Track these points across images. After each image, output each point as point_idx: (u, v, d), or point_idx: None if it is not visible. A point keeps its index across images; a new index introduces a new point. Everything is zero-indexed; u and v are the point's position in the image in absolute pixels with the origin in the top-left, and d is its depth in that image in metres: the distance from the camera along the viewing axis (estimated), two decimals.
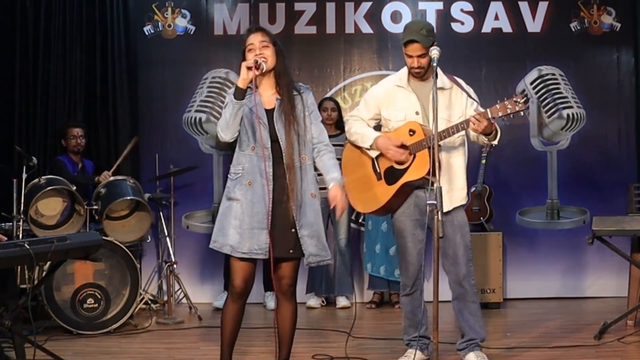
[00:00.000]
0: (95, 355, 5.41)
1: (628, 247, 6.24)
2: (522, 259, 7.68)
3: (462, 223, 4.83)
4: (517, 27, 7.78)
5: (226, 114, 4.23)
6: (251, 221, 4.23)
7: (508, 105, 4.44)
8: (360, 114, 4.96)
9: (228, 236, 4.26)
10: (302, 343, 5.37)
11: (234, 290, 4.34)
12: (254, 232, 4.23)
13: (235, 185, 4.28)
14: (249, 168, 4.27)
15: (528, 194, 7.73)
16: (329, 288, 7.39)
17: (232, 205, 4.28)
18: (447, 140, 4.72)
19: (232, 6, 7.82)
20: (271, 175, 4.25)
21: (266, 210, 4.22)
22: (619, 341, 5.50)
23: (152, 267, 7.51)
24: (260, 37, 4.34)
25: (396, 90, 4.85)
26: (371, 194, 4.88)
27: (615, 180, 7.58)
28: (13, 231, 6.10)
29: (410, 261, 4.86)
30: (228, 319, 4.39)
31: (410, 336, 4.93)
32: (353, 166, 4.98)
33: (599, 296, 7.58)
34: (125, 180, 6.65)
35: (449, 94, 4.78)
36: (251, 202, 4.24)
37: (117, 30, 7.64)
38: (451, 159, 4.81)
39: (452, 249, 4.79)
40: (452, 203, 4.77)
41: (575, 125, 7.72)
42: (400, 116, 4.81)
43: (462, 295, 4.82)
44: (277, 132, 4.30)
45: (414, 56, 4.73)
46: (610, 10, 7.78)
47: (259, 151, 4.27)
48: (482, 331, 4.88)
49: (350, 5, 7.82)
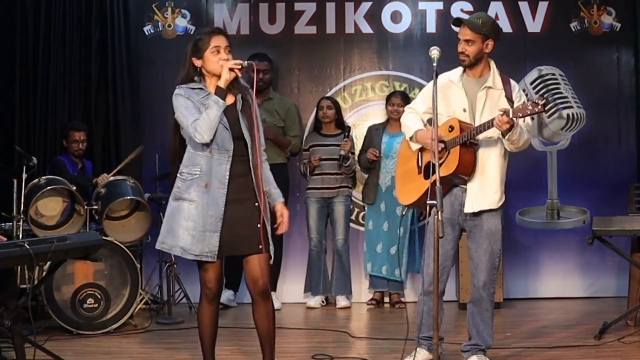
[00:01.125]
0: (95, 355, 5.41)
1: (628, 247, 6.24)
2: (522, 259, 7.69)
3: (492, 230, 4.76)
4: (517, 27, 7.78)
5: (210, 115, 4.17)
6: (204, 223, 4.22)
7: (528, 106, 4.39)
8: (416, 106, 4.97)
9: (178, 237, 4.25)
10: (302, 343, 5.39)
11: (209, 292, 4.36)
12: (206, 234, 4.23)
13: (190, 185, 4.25)
14: (206, 170, 4.25)
15: (528, 194, 7.73)
16: (326, 288, 7.39)
17: (182, 205, 4.26)
18: (484, 140, 4.68)
19: (232, 6, 7.82)
20: (227, 179, 4.25)
21: (220, 214, 4.23)
22: (619, 341, 5.51)
23: (152, 267, 7.50)
24: (225, 42, 4.35)
25: (449, 86, 4.79)
26: (411, 187, 4.91)
27: (615, 180, 7.58)
28: (13, 231, 6.10)
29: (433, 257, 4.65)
30: (207, 322, 4.41)
31: (422, 334, 4.88)
32: (404, 158, 5.04)
33: (599, 296, 7.59)
34: (125, 180, 6.64)
35: (498, 95, 4.72)
36: (206, 205, 4.23)
37: (117, 30, 7.63)
38: (486, 160, 4.72)
39: (478, 253, 4.76)
40: (480, 205, 4.70)
41: (575, 125, 7.72)
42: (449, 112, 4.76)
43: (478, 301, 4.80)
44: (242, 130, 4.30)
45: (461, 40, 4.70)
46: (610, 10, 7.78)
47: (217, 154, 4.25)
48: (490, 339, 4.85)
49: (350, 5, 7.82)
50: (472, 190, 4.70)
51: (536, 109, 4.37)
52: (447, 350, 5.07)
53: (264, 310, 4.39)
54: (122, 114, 7.63)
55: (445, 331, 5.56)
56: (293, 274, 7.59)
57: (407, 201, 5.02)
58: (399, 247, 7.18)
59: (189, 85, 4.34)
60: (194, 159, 4.27)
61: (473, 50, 4.69)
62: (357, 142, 7.48)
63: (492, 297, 4.83)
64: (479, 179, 4.69)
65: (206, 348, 4.45)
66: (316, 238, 7.35)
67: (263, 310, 4.39)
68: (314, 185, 7.33)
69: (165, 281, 7.09)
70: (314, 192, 7.34)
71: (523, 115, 4.42)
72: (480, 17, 4.78)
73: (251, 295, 4.42)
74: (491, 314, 4.84)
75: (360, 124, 7.73)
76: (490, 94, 4.71)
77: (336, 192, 7.28)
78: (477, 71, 4.78)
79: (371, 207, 7.37)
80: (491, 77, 4.71)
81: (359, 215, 7.64)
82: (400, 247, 7.18)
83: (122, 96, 7.64)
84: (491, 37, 4.70)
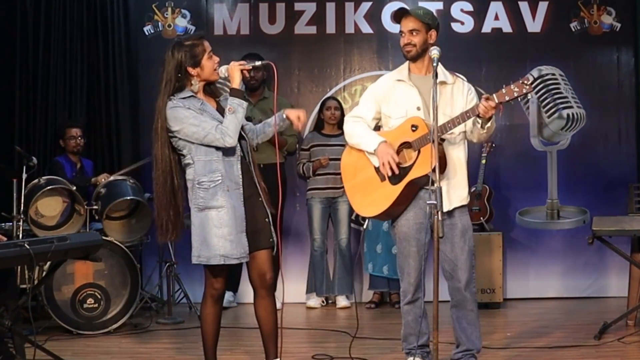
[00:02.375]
0: (95, 355, 5.41)
1: (628, 247, 6.24)
2: (522, 259, 7.69)
3: (465, 226, 4.60)
4: (517, 27, 7.78)
5: (238, 118, 4.23)
6: (236, 225, 4.25)
7: (515, 89, 4.24)
8: (360, 113, 4.72)
9: (214, 246, 4.23)
10: (302, 343, 5.39)
11: (215, 292, 4.37)
12: (240, 235, 4.26)
13: (215, 192, 4.23)
14: (225, 174, 4.26)
15: (528, 194, 7.73)
16: (329, 288, 7.39)
17: (210, 214, 4.24)
18: (448, 137, 4.51)
19: (232, 6, 7.82)
20: (241, 179, 4.30)
21: (242, 214, 4.27)
22: (619, 341, 5.50)
23: (152, 267, 7.51)
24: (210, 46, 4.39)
25: (396, 86, 4.63)
26: (375, 197, 4.61)
27: (615, 180, 7.58)
28: (13, 231, 6.10)
29: (413, 266, 4.60)
30: (211, 321, 4.41)
31: (411, 345, 4.70)
32: (354, 170, 4.76)
33: (599, 296, 7.59)
34: (125, 180, 6.65)
35: (450, 89, 4.58)
36: (233, 207, 4.25)
37: (118, 30, 7.64)
38: (452, 157, 4.57)
39: (454, 253, 4.57)
40: (452, 203, 4.54)
41: (575, 125, 7.72)
42: (401, 112, 4.58)
43: (462, 302, 4.61)
44: (242, 131, 4.34)
45: (405, 32, 4.56)
46: (610, 10, 7.78)
47: (227, 157, 4.28)
48: (479, 342, 4.69)
49: (350, 5, 7.82)
50: (443, 189, 4.36)
51: (524, 90, 4.23)
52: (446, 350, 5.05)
53: (268, 305, 4.40)
54: (122, 114, 7.64)
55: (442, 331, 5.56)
56: (293, 274, 7.56)
57: (373, 212, 4.71)
58: None
59: (179, 96, 4.30)
60: (211, 166, 4.26)
61: (419, 40, 4.53)
62: None
63: (475, 297, 4.66)
64: (447, 177, 4.53)
65: (208, 348, 4.46)
66: (319, 239, 7.35)
67: (268, 305, 4.40)
68: (318, 186, 7.33)
69: (165, 281, 7.09)
70: (317, 192, 7.33)
71: (510, 98, 4.26)
72: (420, 8, 4.70)
73: (255, 290, 4.43)
74: (476, 314, 4.66)
75: None
76: (443, 89, 4.52)
77: (340, 192, 7.28)
78: (424, 67, 4.59)
79: None
80: (441, 73, 4.45)
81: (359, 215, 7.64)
82: None
83: (122, 96, 7.64)
84: (433, 27, 4.55)
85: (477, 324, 4.67)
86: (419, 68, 4.62)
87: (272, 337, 4.42)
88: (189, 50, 4.28)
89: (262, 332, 4.44)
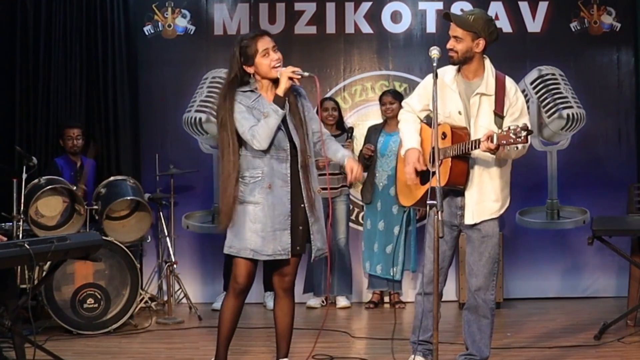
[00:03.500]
0: (95, 355, 5.41)
1: (628, 247, 6.24)
2: (522, 259, 7.68)
3: (490, 233, 4.51)
4: (517, 27, 7.78)
5: (269, 124, 4.27)
6: (273, 223, 4.32)
7: (511, 135, 4.14)
8: (412, 102, 4.73)
9: (246, 240, 4.33)
10: (302, 343, 5.36)
11: (237, 287, 4.42)
12: (277, 233, 4.33)
13: (254, 188, 4.34)
14: (267, 171, 4.34)
15: (528, 194, 7.72)
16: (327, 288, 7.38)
17: (247, 208, 4.34)
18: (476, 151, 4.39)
19: (232, 6, 7.81)
20: (289, 177, 4.36)
21: (287, 211, 4.34)
22: (619, 341, 5.51)
23: (152, 267, 7.50)
24: (271, 42, 4.42)
25: (444, 86, 4.53)
26: (409, 190, 4.72)
27: (615, 180, 7.57)
28: (13, 231, 6.10)
29: (430, 259, 4.50)
30: (228, 315, 4.47)
31: (416, 337, 4.71)
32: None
33: (599, 296, 7.59)
34: (125, 180, 6.65)
35: (493, 101, 4.47)
36: (272, 205, 4.32)
37: (118, 30, 7.62)
38: (484, 171, 4.48)
39: (472, 257, 4.55)
40: (481, 216, 4.49)
41: (575, 125, 7.72)
42: (446, 112, 4.51)
43: (474, 307, 4.57)
44: (290, 133, 4.39)
45: (451, 36, 4.46)
46: (610, 10, 7.78)
47: (275, 154, 4.34)
48: (487, 350, 4.60)
49: (350, 5, 7.81)
50: (471, 201, 4.47)
51: (519, 139, 4.14)
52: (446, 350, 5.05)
53: (286, 306, 4.53)
54: (121, 114, 7.62)
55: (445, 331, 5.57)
56: None
57: (406, 203, 4.86)
58: (395, 246, 7.17)
59: (240, 89, 4.41)
60: (254, 163, 4.36)
61: (461, 48, 4.43)
62: (358, 142, 7.47)
63: (491, 304, 4.57)
64: (477, 189, 4.48)
65: (222, 341, 4.51)
66: None
67: (285, 306, 4.53)
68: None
69: (165, 281, 7.08)
70: None
71: (507, 143, 4.16)
72: (473, 13, 4.52)
73: (275, 291, 4.54)
74: (490, 322, 4.58)
75: (360, 124, 7.72)
76: (483, 100, 4.46)
77: (339, 192, 7.27)
78: (470, 72, 4.51)
79: (369, 206, 7.38)
80: (484, 82, 4.46)
81: (359, 215, 7.64)
82: (397, 246, 7.17)
83: (122, 96, 7.63)
84: (482, 35, 4.43)
85: (487, 331, 4.59)
86: (466, 73, 4.53)
87: (286, 336, 4.55)
88: (244, 49, 4.39)
89: (277, 331, 4.56)
